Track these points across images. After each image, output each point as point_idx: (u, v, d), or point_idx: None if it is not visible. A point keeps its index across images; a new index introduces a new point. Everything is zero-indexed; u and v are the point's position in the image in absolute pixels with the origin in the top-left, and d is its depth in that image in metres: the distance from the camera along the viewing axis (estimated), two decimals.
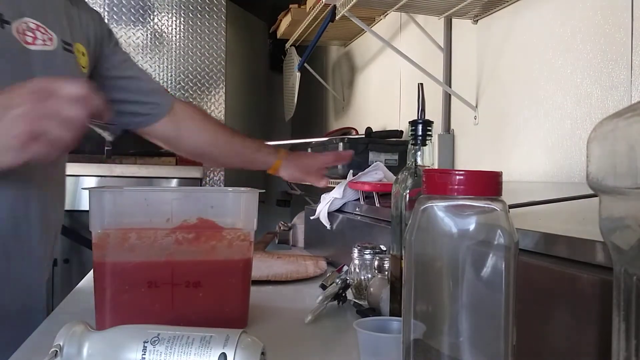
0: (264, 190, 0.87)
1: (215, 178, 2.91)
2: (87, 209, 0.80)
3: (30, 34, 0.91)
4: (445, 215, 0.47)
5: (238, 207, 0.85)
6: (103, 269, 0.79)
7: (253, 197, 0.84)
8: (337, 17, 1.81)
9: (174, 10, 2.73)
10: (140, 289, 0.79)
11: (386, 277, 0.88)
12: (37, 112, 0.68)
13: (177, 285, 0.80)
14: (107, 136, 0.84)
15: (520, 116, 1.37)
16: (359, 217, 1.31)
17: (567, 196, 0.89)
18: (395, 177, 0.78)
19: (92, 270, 1.12)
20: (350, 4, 1.64)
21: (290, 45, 2.70)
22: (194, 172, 2.67)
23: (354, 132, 2.28)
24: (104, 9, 2.65)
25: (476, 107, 1.56)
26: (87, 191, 0.79)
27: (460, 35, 1.68)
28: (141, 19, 2.69)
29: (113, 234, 0.79)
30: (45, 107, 0.68)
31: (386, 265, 0.91)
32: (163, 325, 0.61)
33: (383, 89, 2.26)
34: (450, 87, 1.68)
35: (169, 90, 2.70)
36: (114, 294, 0.79)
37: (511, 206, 0.48)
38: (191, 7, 2.75)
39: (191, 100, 2.73)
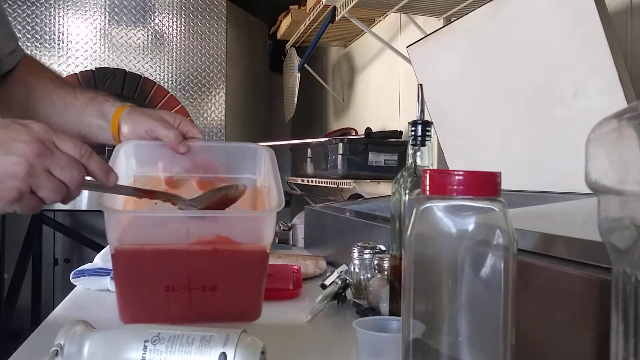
0: (280, 209, 0.86)
1: None
2: (88, 208, 0.81)
3: None
4: (445, 216, 0.47)
5: (256, 228, 0.85)
6: (122, 274, 0.82)
7: (271, 217, 0.85)
8: (337, 18, 1.82)
9: (174, 11, 2.73)
10: (158, 292, 0.81)
11: (385, 277, 0.89)
12: (37, 166, 0.63)
13: (194, 289, 0.82)
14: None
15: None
16: (358, 217, 1.31)
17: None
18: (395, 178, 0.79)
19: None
20: (350, 5, 1.64)
21: (291, 46, 2.70)
22: None
23: (353, 133, 2.28)
24: (105, 9, 2.65)
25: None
26: (87, 191, 0.80)
27: None
28: (141, 20, 2.69)
29: (130, 248, 0.80)
30: (45, 162, 0.64)
31: (386, 265, 0.91)
32: (171, 324, 0.62)
33: (383, 89, 2.26)
34: None
35: (169, 90, 2.70)
36: (132, 296, 0.82)
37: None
38: (191, 8, 2.75)
39: (191, 100, 2.73)
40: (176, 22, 2.74)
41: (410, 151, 0.77)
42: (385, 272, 0.90)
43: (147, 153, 0.93)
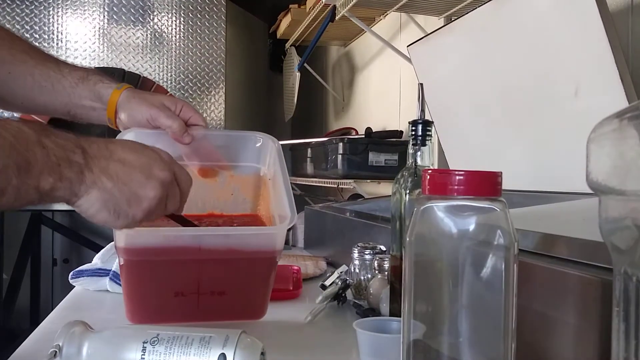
0: (294, 223, 0.85)
1: None
2: None
3: None
4: (445, 216, 0.47)
5: (269, 241, 0.85)
6: (131, 282, 0.82)
7: (284, 230, 0.85)
8: (337, 17, 1.81)
9: (174, 10, 2.73)
10: (168, 298, 0.82)
11: (386, 278, 0.88)
12: (163, 195, 0.67)
13: (202, 294, 0.83)
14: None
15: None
16: (358, 217, 1.31)
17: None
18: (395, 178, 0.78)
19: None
20: (350, 4, 1.64)
21: (290, 46, 2.69)
22: None
23: (353, 132, 2.28)
24: (104, 8, 2.65)
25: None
26: None
27: None
28: (141, 19, 2.69)
29: (141, 260, 0.80)
30: (169, 192, 0.68)
31: (386, 265, 0.91)
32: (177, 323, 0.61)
33: (383, 89, 2.26)
34: None
35: (169, 90, 2.70)
36: (141, 300, 0.83)
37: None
38: (191, 7, 2.75)
39: (191, 100, 2.73)
40: (175, 21, 2.74)
41: (410, 151, 0.77)
42: (386, 273, 0.90)
43: (147, 141, 0.91)
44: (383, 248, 1.00)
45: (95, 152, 0.63)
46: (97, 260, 1.11)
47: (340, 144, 1.85)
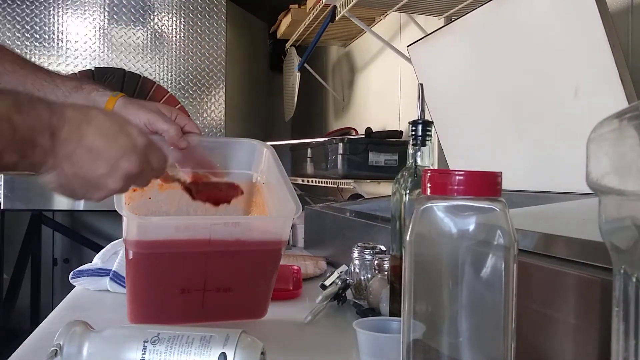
0: (299, 213, 0.86)
1: None
2: (87, 209, 0.80)
3: None
4: (445, 216, 0.47)
5: (275, 231, 0.85)
6: (138, 277, 0.82)
7: (290, 221, 0.86)
8: (337, 18, 1.82)
9: (174, 10, 2.73)
10: (173, 294, 0.82)
11: (386, 277, 0.88)
12: (131, 183, 0.68)
13: (208, 291, 0.83)
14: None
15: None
16: (358, 217, 1.31)
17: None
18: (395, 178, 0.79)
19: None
20: (350, 4, 1.64)
21: (291, 46, 2.70)
22: None
23: (353, 132, 2.28)
24: (104, 8, 2.65)
25: None
26: None
27: None
28: (141, 19, 2.69)
29: (150, 252, 0.79)
30: (146, 165, 0.68)
31: (386, 265, 0.91)
32: (181, 323, 0.62)
33: (383, 89, 2.26)
34: None
35: (169, 90, 2.70)
36: (146, 298, 0.82)
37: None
38: (191, 7, 2.75)
39: (191, 100, 2.73)
40: (176, 21, 2.74)
41: (410, 151, 0.77)
42: (386, 273, 0.90)
43: None
44: (383, 248, 1.00)
45: (65, 135, 0.62)
46: (97, 260, 1.11)
47: (340, 144, 1.85)
